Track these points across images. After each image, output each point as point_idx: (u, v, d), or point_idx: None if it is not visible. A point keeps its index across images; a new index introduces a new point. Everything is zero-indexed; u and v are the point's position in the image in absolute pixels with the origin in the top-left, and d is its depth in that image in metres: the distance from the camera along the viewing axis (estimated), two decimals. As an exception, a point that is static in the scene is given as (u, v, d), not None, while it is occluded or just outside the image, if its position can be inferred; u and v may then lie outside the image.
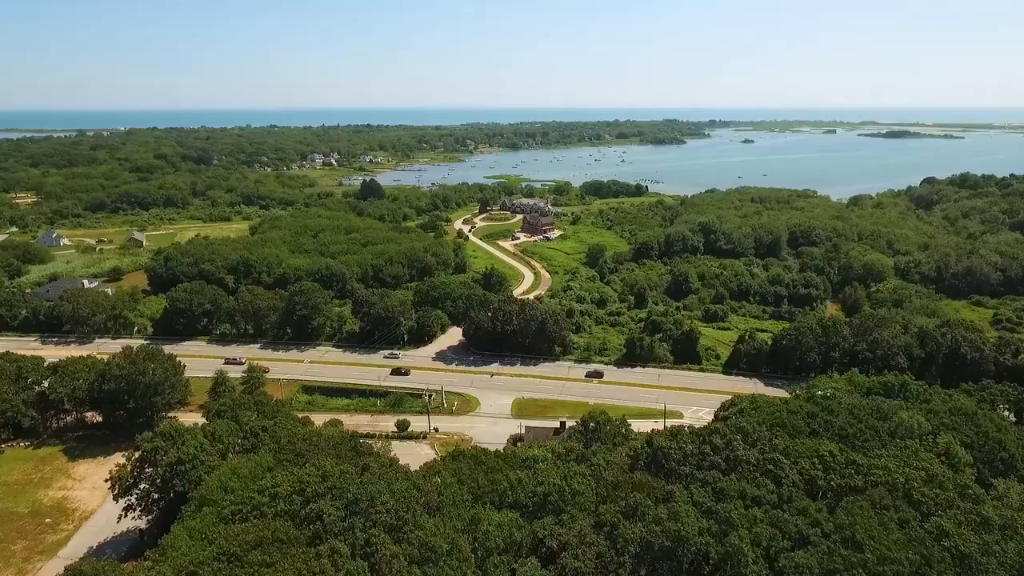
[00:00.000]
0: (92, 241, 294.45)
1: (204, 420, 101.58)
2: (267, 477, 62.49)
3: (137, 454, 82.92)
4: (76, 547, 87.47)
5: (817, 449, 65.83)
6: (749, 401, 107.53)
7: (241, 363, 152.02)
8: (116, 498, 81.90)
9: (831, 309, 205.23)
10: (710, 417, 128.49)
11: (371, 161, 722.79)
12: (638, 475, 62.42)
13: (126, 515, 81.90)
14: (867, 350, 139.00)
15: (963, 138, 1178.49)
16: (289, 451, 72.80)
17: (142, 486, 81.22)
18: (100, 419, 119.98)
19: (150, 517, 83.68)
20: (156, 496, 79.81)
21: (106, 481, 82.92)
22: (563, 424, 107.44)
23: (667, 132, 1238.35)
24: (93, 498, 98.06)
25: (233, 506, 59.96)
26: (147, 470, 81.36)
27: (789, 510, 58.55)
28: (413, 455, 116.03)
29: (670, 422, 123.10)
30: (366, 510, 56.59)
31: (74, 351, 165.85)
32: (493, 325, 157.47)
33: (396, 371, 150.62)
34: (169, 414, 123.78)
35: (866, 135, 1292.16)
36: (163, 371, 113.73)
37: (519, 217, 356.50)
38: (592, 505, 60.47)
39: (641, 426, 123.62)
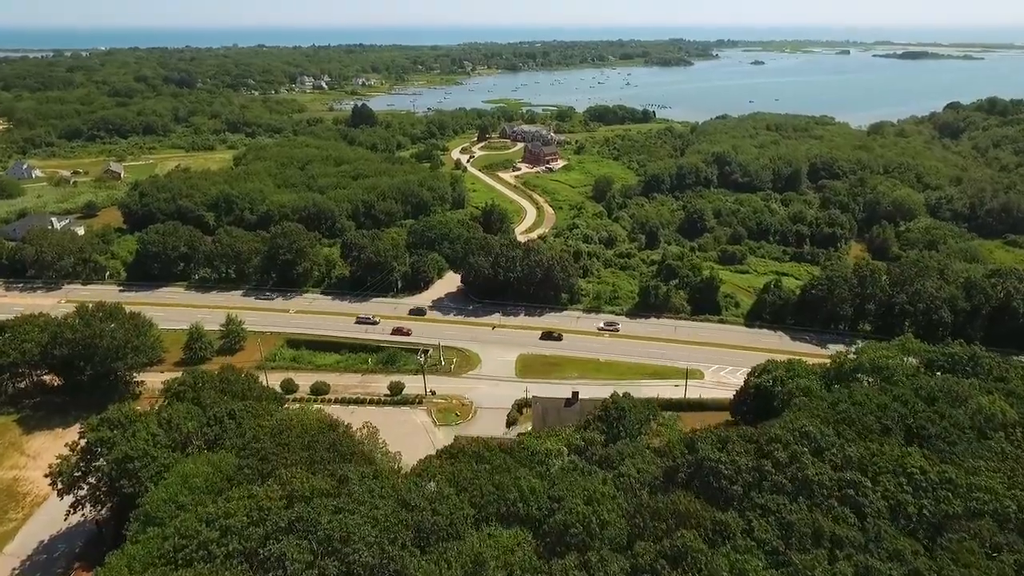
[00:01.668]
0: (66, 173, 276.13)
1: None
2: (219, 503, 50.93)
3: (82, 443, 71.30)
4: (24, 541, 77.28)
5: (902, 462, 53.97)
6: (784, 368, 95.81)
7: (375, 323, 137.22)
8: (60, 495, 70.90)
9: (855, 250, 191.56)
10: (734, 378, 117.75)
11: (363, 84, 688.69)
12: (680, 497, 50.97)
13: (74, 511, 71.08)
14: (907, 303, 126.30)
15: (983, 59, 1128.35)
16: (255, 451, 61.16)
17: (91, 479, 69.99)
18: (60, 382, 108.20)
19: (105, 509, 72.91)
20: (104, 494, 68.75)
21: (45, 476, 71.60)
22: (575, 395, 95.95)
23: (673, 53, 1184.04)
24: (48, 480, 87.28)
25: (179, 537, 48.67)
26: (96, 462, 70.03)
27: (879, 554, 47.26)
28: (408, 424, 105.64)
29: (690, 383, 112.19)
30: (340, 549, 45.26)
31: (40, 299, 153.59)
32: (494, 272, 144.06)
33: (397, 330, 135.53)
34: (139, 376, 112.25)
35: (881, 56, 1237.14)
36: (124, 332, 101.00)
37: (520, 146, 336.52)
38: (624, 537, 49.25)
39: (659, 390, 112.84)
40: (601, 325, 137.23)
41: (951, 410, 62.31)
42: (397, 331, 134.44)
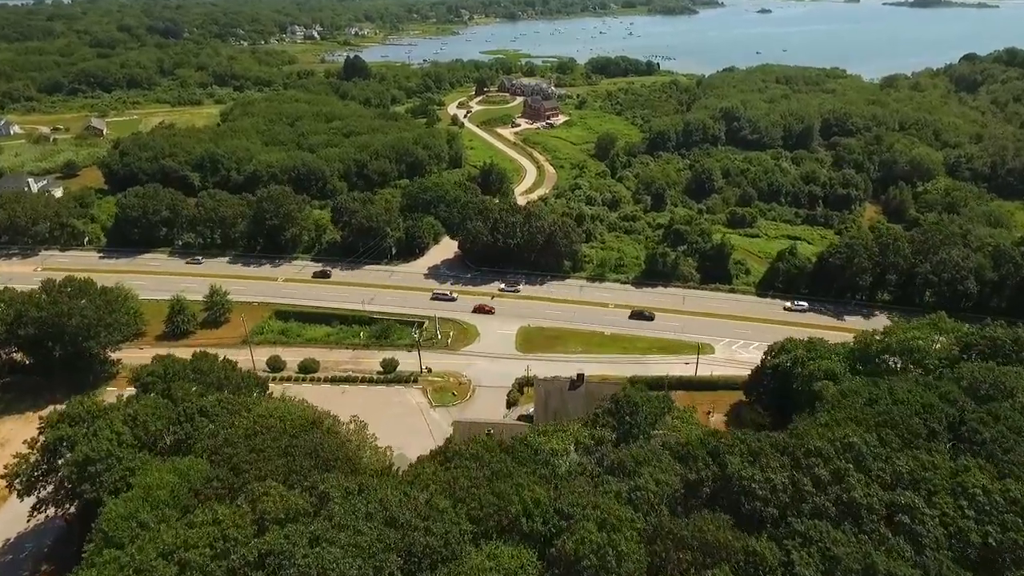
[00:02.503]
0: (46, 129, 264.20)
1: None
2: (179, 531, 44.76)
3: (41, 439, 65.02)
4: (-11, 540, 71.82)
5: (962, 479, 47.73)
6: (805, 348, 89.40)
7: (453, 299, 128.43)
8: (20, 496, 64.93)
9: (870, 212, 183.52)
10: (746, 353, 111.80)
11: (356, 34, 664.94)
12: (707, 522, 44.90)
13: (36, 512, 65.27)
14: (931, 272, 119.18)
15: (998, 7, 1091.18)
16: (227, 456, 54.94)
17: (53, 480, 63.97)
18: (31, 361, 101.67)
19: (73, 506, 67.23)
20: (65, 497, 62.84)
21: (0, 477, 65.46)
22: (580, 377, 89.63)
23: (677, 0, 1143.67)
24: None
25: (133, 572, 42.57)
26: (58, 461, 63.96)
27: (942, 598, 41.63)
28: (402, 404, 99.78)
29: (702, 359, 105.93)
30: (316, 589, 39.58)
31: (15, 267, 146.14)
32: (493, 239, 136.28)
33: (480, 308, 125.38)
34: (117, 353, 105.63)
35: (891, 4, 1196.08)
36: (95, 309, 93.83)
37: (519, 100, 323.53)
38: (643, 571, 43.27)
39: (669, 367, 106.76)
40: (632, 314, 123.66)
41: (1009, 411, 55.68)
42: (480, 309, 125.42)
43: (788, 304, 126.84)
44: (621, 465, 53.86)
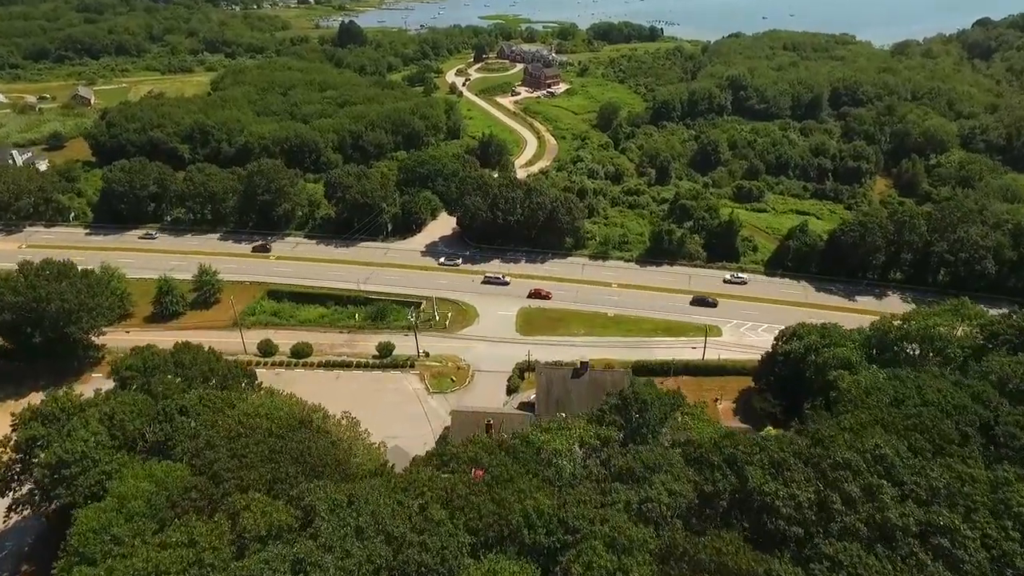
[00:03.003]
0: (32, 98, 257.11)
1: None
2: (150, 553, 41.22)
3: (14, 438, 61.37)
4: (-34, 539, 68.75)
5: (1004, 497, 43.78)
6: (818, 334, 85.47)
7: (506, 283, 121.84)
8: (-6, 495, 61.63)
9: (880, 186, 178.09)
10: (755, 336, 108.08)
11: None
12: (726, 543, 41.32)
13: (13, 512, 61.98)
14: (947, 251, 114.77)
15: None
16: (208, 462, 51.32)
17: (32, 475, 60.52)
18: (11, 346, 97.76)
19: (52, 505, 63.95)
20: (40, 500, 59.46)
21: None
22: (584, 365, 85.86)
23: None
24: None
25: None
26: (35, 458, 60.40)
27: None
28: (399, 391, 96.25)
29: (709, 342, 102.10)
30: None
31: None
32: (492, 215, 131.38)
33: (535, 293, 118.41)
34: (102, 338, 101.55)
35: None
36: (76, 293, 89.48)
37: (519, 67, 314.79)
38: (658, 598, 40.16)
39: (675, 350, 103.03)
40: (694, 300, 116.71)
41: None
42: (535, 294, 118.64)
43: (727, 276, 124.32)
44: (630, 471, 50.29)
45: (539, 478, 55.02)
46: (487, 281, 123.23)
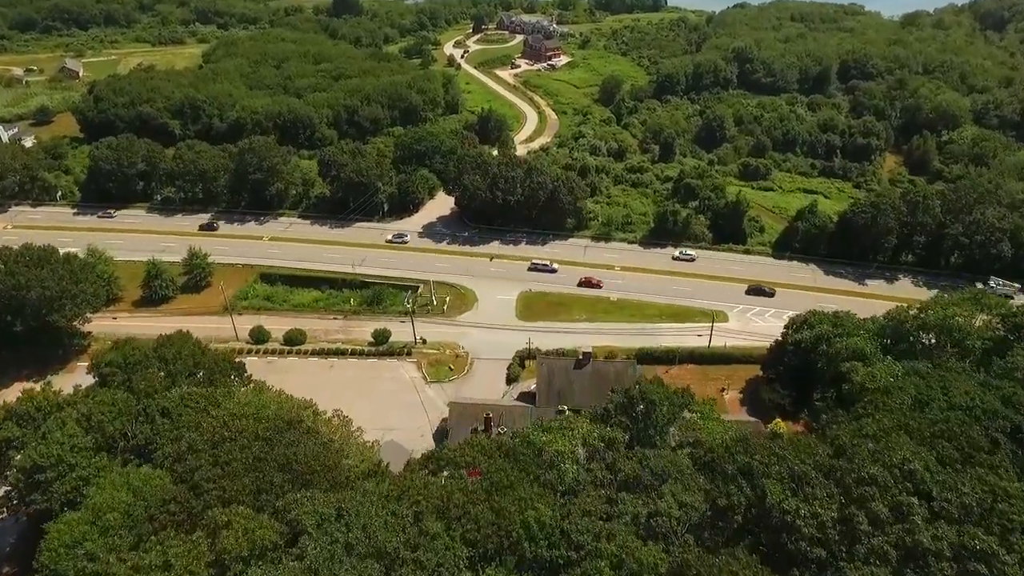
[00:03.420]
0: (19, 71, 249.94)
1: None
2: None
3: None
4: (-55, 540, 66.24)
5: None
6: (831, 323, 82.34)
7: (553, 271, 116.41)
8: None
9: (890, 163, 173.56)
10: (762, 321, 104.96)
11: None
12: (740, 564, 38.47)
13: (-7, 514, 59.50)
14: (962, 234, 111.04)
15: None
16: (189, 469, 48.36)
17: (7, 478, 57.74)
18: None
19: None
20: (16, 505, 56.70)
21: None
22: (586, 355, 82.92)
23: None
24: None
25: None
26: (11, 460, 57.51)
27: None
28: (395, 380, 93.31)
29: (715, 328, 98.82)
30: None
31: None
32: (492, 195, 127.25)
33: (586, 282, 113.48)
34: (87, 325, 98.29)
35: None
36: (58, 280, 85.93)
37: (519, 39, 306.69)
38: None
39: (680, 337, 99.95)
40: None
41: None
42: (586, 282, 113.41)
43: (676, 254, 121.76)
44: (637, 479, 47.43)
45: (540, 482, 52.27)
46: (533, 268, 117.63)
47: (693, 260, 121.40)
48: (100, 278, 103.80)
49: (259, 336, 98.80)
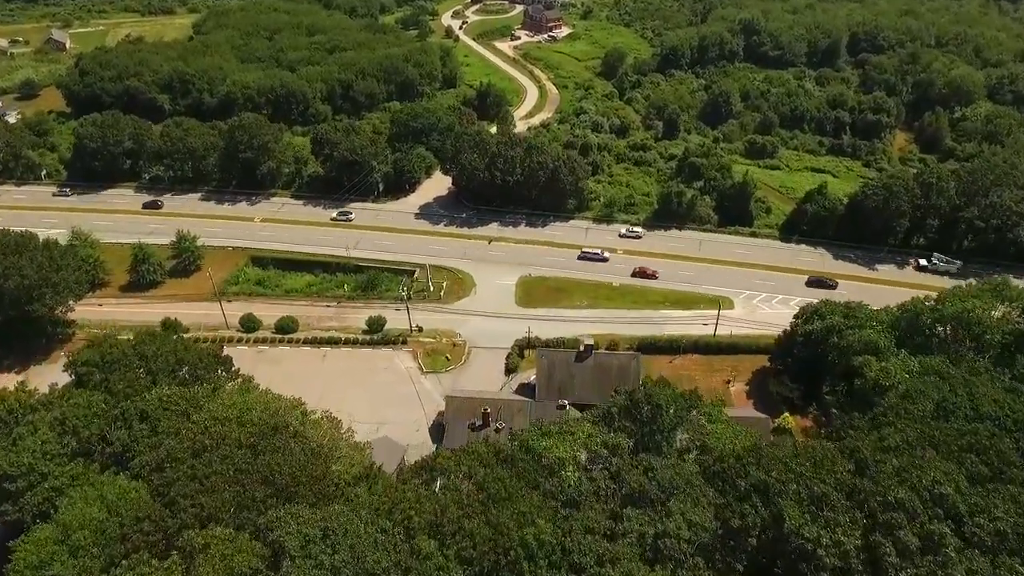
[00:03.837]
0: (3, 42, 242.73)
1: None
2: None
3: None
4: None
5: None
6: (842, 314, 79.14)
7: (604, 259, 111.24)
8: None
9: (900, 140, 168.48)
10: (769, 308, 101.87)
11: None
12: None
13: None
14: (977, 217, 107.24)
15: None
16: (166, 482, 45.49)
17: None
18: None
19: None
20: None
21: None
22: (588, 348, 79.83)
23: None
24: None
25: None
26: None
27: None
28: (390, 370, 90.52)
29: (714, 313, 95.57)
30: None
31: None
32: (490, 175, 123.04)
33: (640, 272, 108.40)
34: (71, 312, 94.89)
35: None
36: (37, 268, 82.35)
37: (519, 9, 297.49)
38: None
39: (685, 326, 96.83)
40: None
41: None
42: (640, 273, 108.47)
43: (623, 231, 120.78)
44: (643, 493, 44.60)
45: (540, 491, 49.52)
46: (583, 257, 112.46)
47: (640, 238, 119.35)
48: (85, 262, 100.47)
49: (249, 324, 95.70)
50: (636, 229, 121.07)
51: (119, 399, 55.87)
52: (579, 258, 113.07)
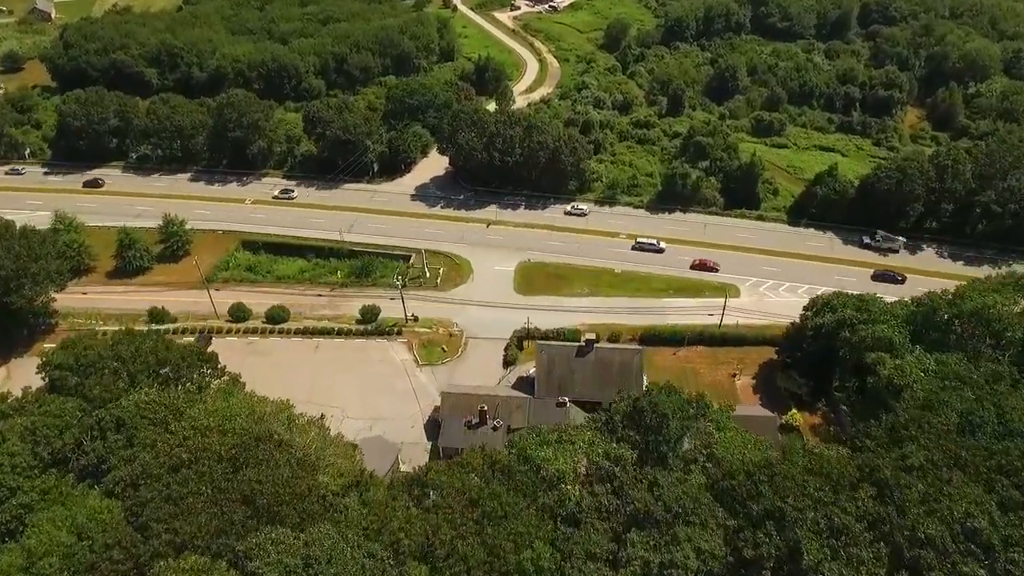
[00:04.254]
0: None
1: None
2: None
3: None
4: None
5: None
6: (854, 307, 75.88)
7: (661, 250, 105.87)
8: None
9: (911, 117, 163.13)
10: (775, 296, 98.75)
11: None
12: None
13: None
14: (994, 202, 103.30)
15: None
16: (140, 503, 42.71)
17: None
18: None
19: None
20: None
21: None
22: (589, 343, 76.72)
23: None
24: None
25: None
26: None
27: None
28: (384, 363, 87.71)
29: (719, 301, 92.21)
30: None
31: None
32: (489, 155, 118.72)
33: (700, 265, 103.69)
34: (53, 301, 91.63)
35: None
36: (14, 258, 78.83)
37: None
38: None
39: (689, 316, 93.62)
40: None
41: None
42: (700, 265, 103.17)
43: (568, 208, 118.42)
44: (648, 514, 41.91)
45: (538, 506, 46.83)
46: (638, 247, 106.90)
47: (585, 215, 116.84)
48: (68, 248, 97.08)
49: (239, 313, 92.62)
50: (581, 207, 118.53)
51: (95, 405, 52.99)
52: (633, 248, 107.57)
